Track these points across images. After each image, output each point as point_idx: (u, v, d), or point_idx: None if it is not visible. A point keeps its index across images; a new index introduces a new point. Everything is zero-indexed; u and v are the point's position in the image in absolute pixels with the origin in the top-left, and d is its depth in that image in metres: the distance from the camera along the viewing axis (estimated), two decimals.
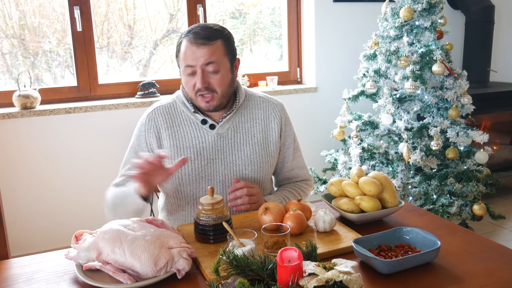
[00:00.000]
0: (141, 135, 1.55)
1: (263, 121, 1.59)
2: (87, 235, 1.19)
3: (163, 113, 1.55)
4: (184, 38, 1.46)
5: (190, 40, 1.43)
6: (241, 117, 1.57)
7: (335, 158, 2.97)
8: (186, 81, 1.47)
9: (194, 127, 1.53)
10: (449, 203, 2.64)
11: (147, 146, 1.54)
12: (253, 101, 1.61)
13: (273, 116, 1.60)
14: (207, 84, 1.44)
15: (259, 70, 3.41)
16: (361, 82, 2.91)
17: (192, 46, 1.42)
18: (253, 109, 1.59)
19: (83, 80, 2.91)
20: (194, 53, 1.42)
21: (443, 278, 1.06)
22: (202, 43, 1.42)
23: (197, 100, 1.49)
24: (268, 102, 1.62)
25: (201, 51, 1.42)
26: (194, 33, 1.43)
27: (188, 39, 1.44)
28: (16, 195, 2.70)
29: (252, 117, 1.58)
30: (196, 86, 1.45)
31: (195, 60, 1.42)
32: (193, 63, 1.43)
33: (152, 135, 1.53)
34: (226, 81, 1.48)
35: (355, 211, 1.35)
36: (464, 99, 2.76)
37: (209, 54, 1.42)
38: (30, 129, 2.69)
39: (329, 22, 3.33)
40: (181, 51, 1.46)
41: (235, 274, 0.94)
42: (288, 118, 1.65)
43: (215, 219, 1.24)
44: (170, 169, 1.35)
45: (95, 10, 2.92)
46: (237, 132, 1.55)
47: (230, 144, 1.54)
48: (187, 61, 1.43)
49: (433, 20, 2.68)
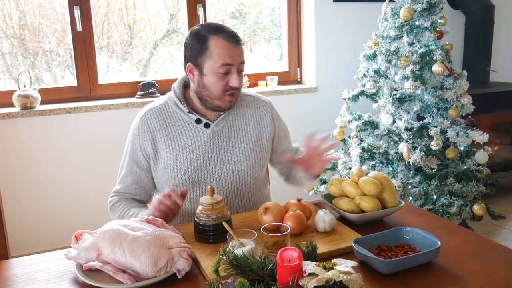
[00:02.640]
0: (135, 139, 1.55)
1: (255, 118, 1.63)
2: (87, 235, 1.19)
3: (155, 115, 1.55)
4: (214, 37, 1.43)
5: (226, 39, 1.43)
6: (235, 115, 1.60)
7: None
8: (216, 80, 1.46)
9: (188, 127, 1.54)
10: (449, 203, 2.64)
11: (142, 151, 1.54)
12: (245, 99, 1.65)
13: (264, 113, 1.64)
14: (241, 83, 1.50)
15: (259, 70, 3.41)
16: (361, 82, 2.91)
17: (230, 44, 1.43)
18: (245, 107, 1.63)
19: (83, 80, 2.91)
20: (232, 51, 1.44)
21: (443, 278, 1.06)
22: (237, 42, 1.45)
23: (223, 99, 1.49)
24: (258, 100, 1.67)
25: (237, 50, 1.45)
26: (228, 32, 1.45)
27: (222, 37, 1.43)
28: (16, 195, 2.70)
29: (245, 114, 1.62)
30: (230, 85, 1.46)
31: (233, 58, 1.44)
32: (232, 61, 1.44)
33: (146, 138, 1.53)
34: None
35: (355, 211, 1.35)
36: (464, 99, 2.76)
37: (242, 54, 1.47)
38: (30, 129, 2.69)
39: (329, 22, 3.33)
40: (213, 49, 1.43)
41: (235, 274, 0.94)
42: (277, 113, 1.71)
43: (215, 219, 1.24)
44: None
45: (95, 10, 2.92)
46: (231, 130, 1.57)
47: (225, 141, 1.56)
48: (224, 60, 1.43)
49: (433, 20, 2.68)
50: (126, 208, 1.52)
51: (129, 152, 1.57)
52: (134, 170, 1.56)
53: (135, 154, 1.55)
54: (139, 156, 1.55)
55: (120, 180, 1.58)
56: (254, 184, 1.61)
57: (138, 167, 1.56)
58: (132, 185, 1.56)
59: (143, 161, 1.55)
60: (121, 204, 1.54)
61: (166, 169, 1.52)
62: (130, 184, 1.56)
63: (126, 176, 1.57)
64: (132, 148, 1.56)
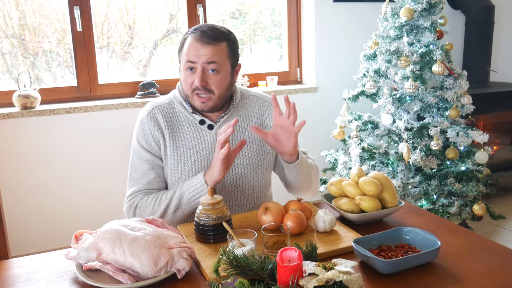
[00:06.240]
0: (146, 133, 1.51)
1: (259, 119, 1.61)
2: (87, 235, 1.19)
3: (162, 113, 1.53)
4: (190, 35, 1.46)
5: (196, 38, 1.44)
6: (237, 116, 1.57)
7: (335, 158, 2.97)
8: (185, 77, 1.48)
9: (193, 127, 1.53)
10: (449, 203, 2.64)
11: (156, 143, 1.50)
12: (248, 100, 1.62)
13: (267, 113, 1.62)
14: (205, 83, 1.45)
15: (259, 70, 3.41)
16: (361, 82, 2.91)
17: (197, 43, 1.43)
18: (248, 108, 1.61)
19: (83, 80, 2.91)
20: (198, 50, 1.43)
21: (443, 278, 1.06)
22: (207, 41, 1.43)
23: (192, 98, 1.49)
24: (262, 100, 1.64)
25: (205, 49, 1.43)
26: (201, 31, 1.44)
27: (194, 36, 1.45)
28: (16, 195, 2.70)
29: (248, 115, 1.60)
30: (194, 84, 1.45)
31: (197, 57, 1.43)
32: (195, 59, 1.43)
33: (157, 132, 1.50)
34: (225, 84, 1.48)
35: (355, 211, 1.35)
36: (464, 99, 2.76)
37: (213, 53, 1.43)
38: (30, 129, 2.69)
39: (329, 22, 3.33)
40: (185, 46, 1.47)
41: (235, 274, 0.94)
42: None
43: (215, 219, 1.24)
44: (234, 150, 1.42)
45: (95, 10, 2.92)
46: (234, 132, 1.56)
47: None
48: (189, 57, 1.44)
49: (433, 20, 2.68)
50: (160, 194, 1.46)
51: (143, 149, 1.51)
52: (155, 163, 1.51)
53: (151, 148, 1.51)
54: (155, 149, 1.51)
55: (137, 181, 1.52)
56: (257, 187, 1.59)
57: (158, 159, 1.51)
58: (156, 180, 1.51)
59: (159, 152, 1.51)
60: (148, 198, 1.47)
61: (171, 168, 1.51)
62: (153, 179, 1.50)
63: (147, 172, 1.50)
64: (146, 143, 1.51)
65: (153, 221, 1.24)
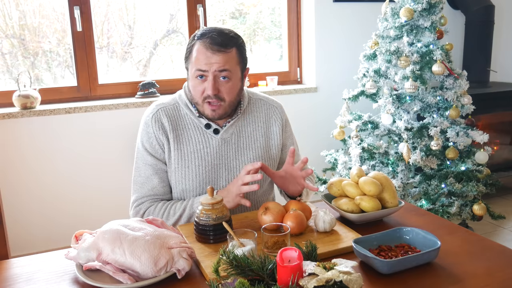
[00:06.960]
0: (151, 137, 1.49)
1: (265, 124, 1.59)
2: (87, 235, 1.19)
3: (167, 115, 1.50)
4: (198, 41, 1.41)
5: (205, 45, 1.39)
6: (244, 121, 1.56)
7: (335, 158, 2.97)
8: (195, 85, 1.44)
9: (198, 131, 1.50)
10: (449, 203, 2.64)
11: (160, 147, 1.48)
12: (255, 104, 1.60)
13: (274, 118, 1.60)
14: (217, 91, 1.41)
15: (259, 70, 3.41)
16: (361, 82, 2.91)
17: (207, 51, 1.39)
18: (255, 112, 1.59)
19: (83, 80, 2.91)
20: (209, 58, 1.39)
21: (443, 278, 1.06)
22: (218, 49, 1.39)
23: (203, 106, 1.45)
24: (269, 104, 1.62)
25: (216, 57, 1.39)
26: (211, 37, 1.39)
27: (203, 43, 1.40)
28: (16, 195, 2.70)
29: (254, 120, 1.58)
30: (205, 92, 1.42)
31: (208, 65, 1.39)
32: (206, 68, 1.39)
33: (162, 135, 1.48)
34: (235, 90, 1.46)
35: (355, 211, 1.35)
36: (464, 99, 2.76)
37: (224, 61, 1.39)
38: (30, 129, 2.69)
39: (329, 22, 3.33)
40: (193, 53, 1.42)
41: (235, 274, 0.94)
42: (287, 119, 1.66)
43: (215, 219, 1.24)
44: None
45: (95, 10, 2.92)
46: (240, 137, 1.54)
47: (234, 149, 1.53)
48: (199, 65, 1.40)
49: (433, 20, 2.68)
50: (168, 207, 1.46)
51: (147, 153, 1.49)
52: (159, 167, 1.49)
53: (155, 151, 1.49)
54: (159, 152, 1.49)
55: (141, 186, 1.50)
56: (260, 192, 1.59)
57: (162, 163, 1.50)
58: (160, 184, 1.49)
59: (163, 156, 1.49)
60: (156, 208, 1.46)
61: (174, 173, 1.49)
62: (157, 184, 1.49)
63: (150, 177, 1.49)
64: (150, 146, 1.49)
65: (153, 221, 1.25)
